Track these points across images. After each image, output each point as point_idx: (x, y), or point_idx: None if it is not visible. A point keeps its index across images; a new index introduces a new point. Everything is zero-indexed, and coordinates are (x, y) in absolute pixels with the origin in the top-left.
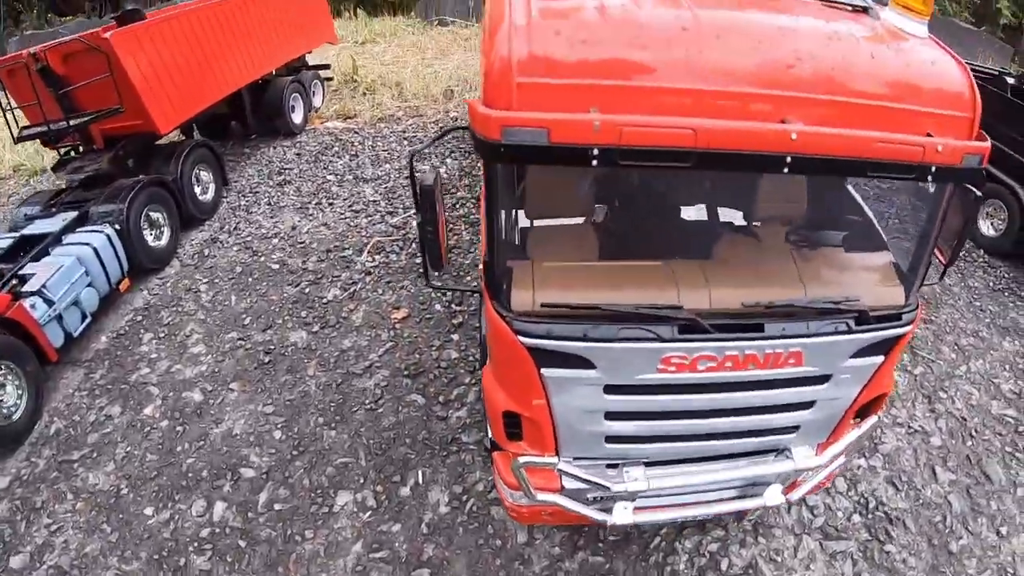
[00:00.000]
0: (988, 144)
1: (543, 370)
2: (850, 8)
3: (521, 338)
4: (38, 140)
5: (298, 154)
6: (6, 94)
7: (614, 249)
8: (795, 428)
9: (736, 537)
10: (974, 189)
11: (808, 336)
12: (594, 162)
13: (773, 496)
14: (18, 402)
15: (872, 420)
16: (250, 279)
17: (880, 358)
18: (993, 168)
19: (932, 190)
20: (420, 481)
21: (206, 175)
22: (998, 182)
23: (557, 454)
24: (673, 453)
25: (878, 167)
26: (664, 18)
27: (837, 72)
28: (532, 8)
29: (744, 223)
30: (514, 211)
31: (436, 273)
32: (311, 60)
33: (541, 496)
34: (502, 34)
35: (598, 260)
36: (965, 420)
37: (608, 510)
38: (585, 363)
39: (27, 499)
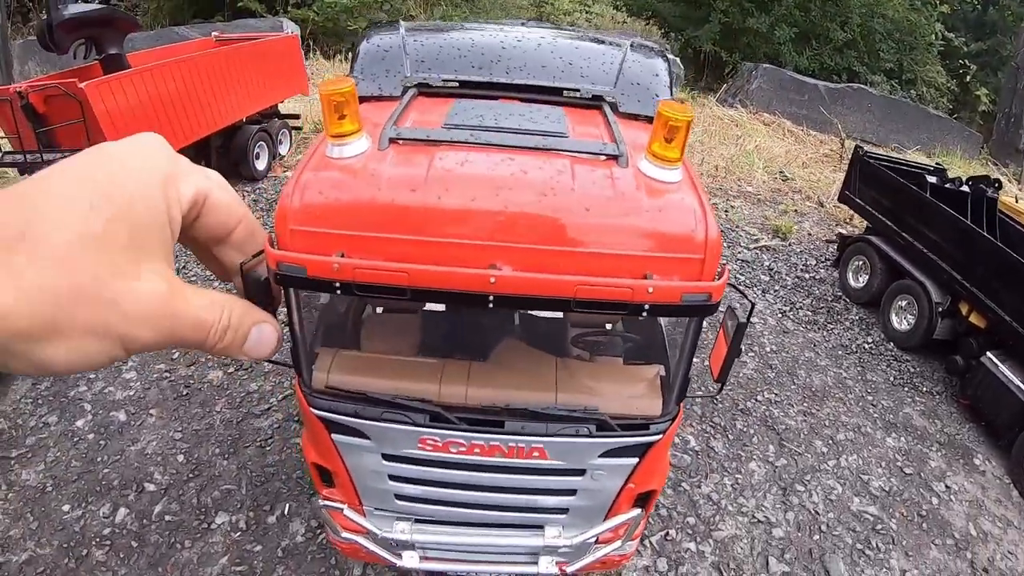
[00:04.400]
0: (718, 283)
1: (333, 436)
2: (602, 157)
3: (313, 410)
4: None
5: (255, 200)
6: None
7: (427, 344)
8: (565, 511)
9: None
10: (738, 318)
11: (546, 436)
12: (338, 292)
13: (545, 566)
14: None
15: (633, 514)
16: None
17: (634, 460)
18: (908, 264)
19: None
20: (285, 512)
21: None
22: (911, 278)
23: (360, 504)
24: (457, 516)
25: (586, 305)
26: (402, 175)
27: (545, 224)
28: (313, 164)
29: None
30: (333, 316)
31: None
32: (284, 108)
33: (345, 535)
34: (287, 188)
35: (416, 351)
36: (818, 515)
37: (400, 556)
38: (362, 434)
39: None
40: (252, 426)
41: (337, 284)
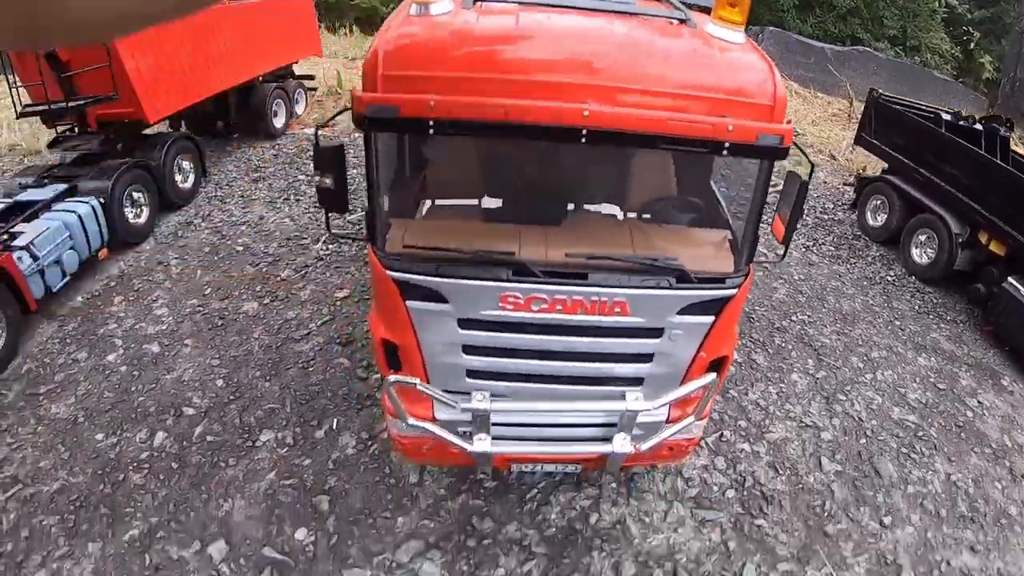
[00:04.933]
0: (789, 127)
1: (408, 302)
2: (673, 22)
3: (389, 272)
4: (39, 119)
5: (275, 155)
6: (13, 73)
7: (500, 214)
8: (640, 380)
9: (608, 497)
10: (800, 178)
11: (628, 287)
12: (431, 131)
13: (620, 444)
14: None
15: (710, 377)
16: (216, 257)
17: (710, 318)
18: (926, 199)
19: (756, 172)
20: (334, 427)
21: (187, 165)
22: (930, 212)
23: (428, 384)
24: (528, 393)
25: (671, 141)
26: (492, 26)
27: (630, 68)
28: (400, 22)
29: (617, 206)
30: (409, 183)
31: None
32: (298, 70)
33: (412, 421)
34: (377, 39)
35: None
36: (862, 421)
37: (471, 441)
38: (439, 297)
39: None
40: (292, 350)
41: (431, 122)
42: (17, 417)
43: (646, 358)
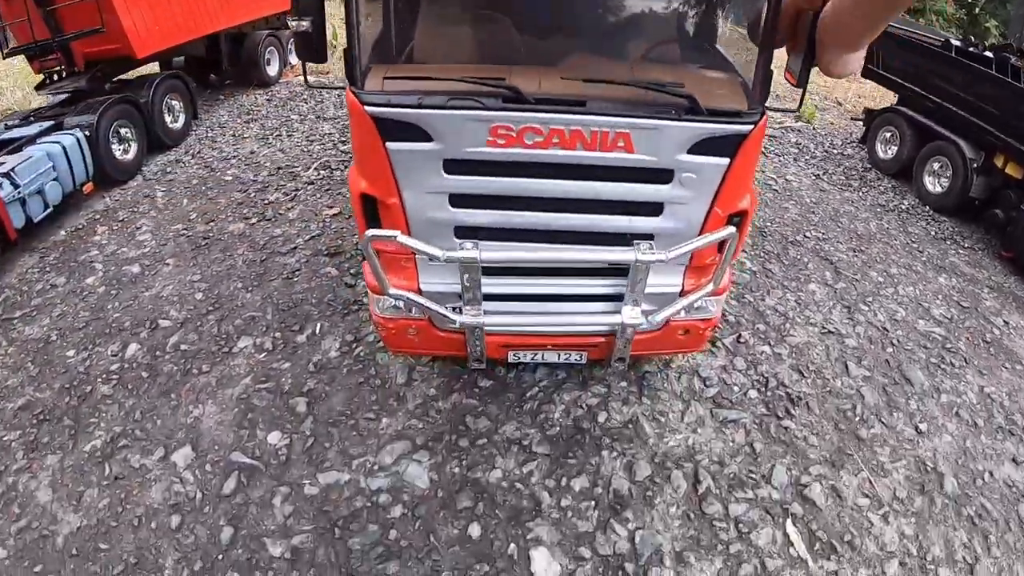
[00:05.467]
0: None
1: (388, 144)
2: None
3: (367, 108)
4: (32, 90)
5: (268, 99)
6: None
7: (490, 54)
8: (649, 238)
9: (618, 396)
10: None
11: (631, 116)
12: None
13: (629, 315)
14: None
15: (730, 229)
16: (203, 188)
17: (724, 160)
18: (939, 127)
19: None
20: (317, 331)
21: (177, 104)
22: (943, 139)
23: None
24: (525, 255)
25: None
26: None
27: None
28: None
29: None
30: (393, 23)
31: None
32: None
33: (394, 291)
34: None
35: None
36: (887, 331)
37: (459, 312)
38: (423, 135)
39: None
40: (278, 263)
41: None
42: None
43: (655, 210)
